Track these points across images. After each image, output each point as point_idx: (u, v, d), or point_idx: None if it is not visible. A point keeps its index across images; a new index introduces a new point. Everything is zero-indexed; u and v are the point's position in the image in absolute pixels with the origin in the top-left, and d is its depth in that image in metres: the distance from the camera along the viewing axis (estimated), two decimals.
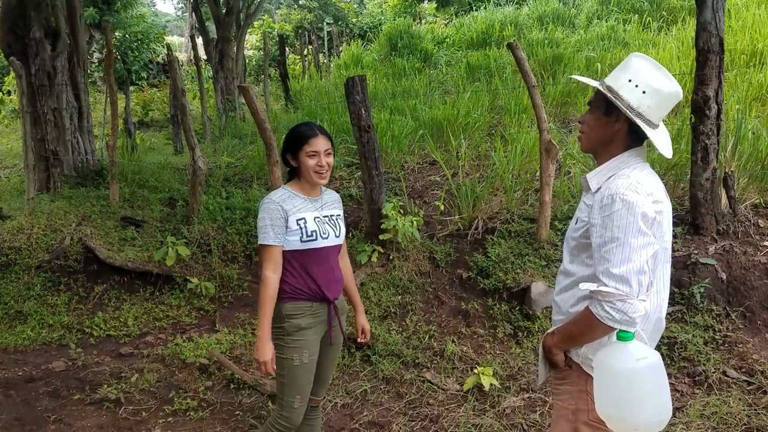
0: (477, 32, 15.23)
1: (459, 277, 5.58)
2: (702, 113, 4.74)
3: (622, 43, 11.80)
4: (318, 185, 2.96)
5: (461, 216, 6.12)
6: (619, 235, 1.97)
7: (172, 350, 5.05)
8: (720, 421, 3.71)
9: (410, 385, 4.44)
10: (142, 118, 15.54)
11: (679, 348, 4.36)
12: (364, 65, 15.23)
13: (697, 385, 4.11)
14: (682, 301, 4.62)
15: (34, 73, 7.25)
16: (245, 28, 14.00)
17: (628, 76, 2.09)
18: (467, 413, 4.04)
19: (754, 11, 10.94)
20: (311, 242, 2.88)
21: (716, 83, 4.68)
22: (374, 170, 5.79)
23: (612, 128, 2.15)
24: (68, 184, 7.55)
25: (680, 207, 5.40)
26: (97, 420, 4.19)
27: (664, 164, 5.70)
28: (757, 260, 4.70)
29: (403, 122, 8.81)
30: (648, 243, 1.99)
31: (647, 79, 2.07)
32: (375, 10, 25.06)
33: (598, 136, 2.19)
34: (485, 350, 4.81)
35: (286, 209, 2.85)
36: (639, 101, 2.07)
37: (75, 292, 5.96)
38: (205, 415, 4.20)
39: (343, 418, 4.15)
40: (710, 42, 4.65)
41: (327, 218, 2.98)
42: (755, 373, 4.08)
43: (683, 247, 4.88)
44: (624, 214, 1.97)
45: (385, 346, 4.85)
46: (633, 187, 2.01)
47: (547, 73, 10.47)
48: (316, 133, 2.88)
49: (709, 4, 4.61)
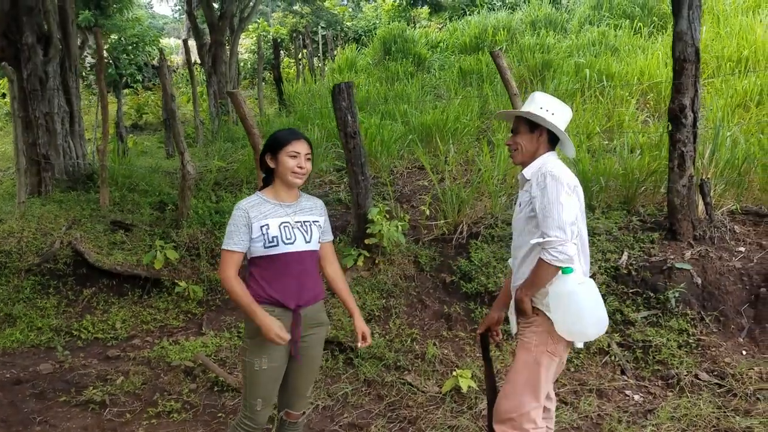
0: (470, 37, 15.32)
1: (443, 281, 5.67)
2: (678, 121, 4.83)
3: (612, 48, 11.91)
4: (294, 188, 3.00)
5: (447, 220, 6.20)
6: (553, 198, 2.69)
7: (158, 353, 5.12)
8: (690, 423, 3.79)
9: (391, 388, 4.52)
10: (136, 122, 15.60)
11: (654, 351, 4.45)
12: (358, 69, 15.31)
13: (669, 387, 4.20)
14: (658, 305, 4.71)
15: (26, 77, 7.34)
16: (238, 32, 14.10)
17: (539, 105, 2.89)
18: (445, 415, 4.12)
19: (741, 18, 11.06)
20: (273, 248, 2.89)
21: (692, 92, 4.77)
22: (360, 175, 5.87)
23: (537, 141, 2.93)
24: (59, 187, 7.63)
25: (659, 213, 5.49)
26: (82, 422, 4.27)
27: (643, 172, 5.80)
28: (732, 265, 4.79)
29: (393, 127, 8.90)
30: (573, 203, 2.73)
31: (553, 106, 2.89)
32: (370, 14, 25.15)
33: (528, 149, 2.95)
34: (465, 353, 4.89)
35: (251, 216, 2.89)
36: (552, 120, 2.87)
37: (64, 296, 6.04)
38: (188, 417, 4.28)
39: (323, 420, 4.23)
40: (686, 51, 4.74)
41: (299, 224, 2.98)
42: (726, 376, 4.17)
43: (660, 253, 4.97)
44: (554, 184, 2.72)
45: (367, 349, 4.92)
46: (559, 167, 2.81)
47: (536, 79, 10.57)
48: (299, 137, 2.95)
49: (684, 14, 4.70)
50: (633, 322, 4.67)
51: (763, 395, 3.97)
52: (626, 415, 3.96)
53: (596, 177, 5.90)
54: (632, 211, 5.66)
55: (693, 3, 4.63)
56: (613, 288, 4.91)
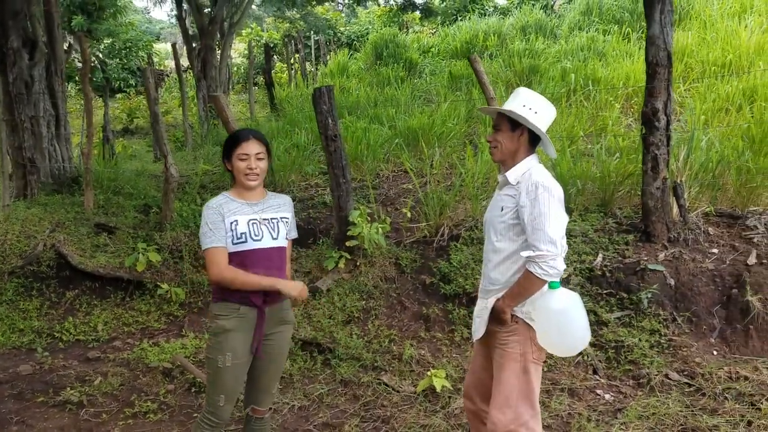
0: (461, 42, 15.43)
1: (422, 282, 5.71)
2: (651, 125, 4.90)
3: (600, 53, 11.99)
4: (251, 189, 3.00)
5: (428, 223, 6.26)
6: (545, 210, 2.65)
7: (137, 355, 5.16)
8: (658, 422, 3.84)
9: (367, 388, 4.55)
10: (127, 126, 15.67)
11: (626, 351, 4.50)
12: (350, 74, 15.39)
13: (640, 387, 4.25)
14: (631, 306, 4.77)
15: (11, 81, 7.39)
16: (228, 37, 14.16)
17: (522, 102, 2.80)
18: (418, 414, 4.16)
19: (728, 23, 11.16)
20: (242, 244, 2.91)
21: (665, 96, 4.84)
22: (341, 178, 5.93)
23: (518, 140, 2.84)
24: (45, 191, 7.67)
25: (635, 215, 5.55)
26: (59, 422, 4.29)
27: (620, 174, 5.86)
28: (704, 267, 4.85)
29: (379, 131, 8.96)
30: (564, 216, 2.72)
31: (536, 104, 2.80)
32: (364, 19, 25.26)
33: (509, 148, 2.86)
34: (442, 353, 4.93)
35: (223, 212, 2.92)
36: (534, 119, 2.77)
37: (47, 298, 6.06)
38: (164, 417, 4.31)
39: (298, 420, 4.26)
40: (659, 56, 4.80)
41: (266, 221, 3.00)
42: (696, 375, 4.22)
43: (634, 254, 5.03)
44: (546, 197, 2.67)
45: (346, 349, 4.97)
46: (548, 178, 2.76)
47: (523, 83, 10.65)
48: (248, 137, 2.95)
49: (657, 19, 4.77)
50: (606, 323, 4.72)
51: (731, 394, 4.02)
52: (596, 413, 4.00)
53: (573, 180, 5.96)
54: (609, 214, 5.72)
55: (665, 8, 4.70)
56: (588, 289, 4.97)
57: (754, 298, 4.56)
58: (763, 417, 3.77)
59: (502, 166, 2.94)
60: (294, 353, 5.00)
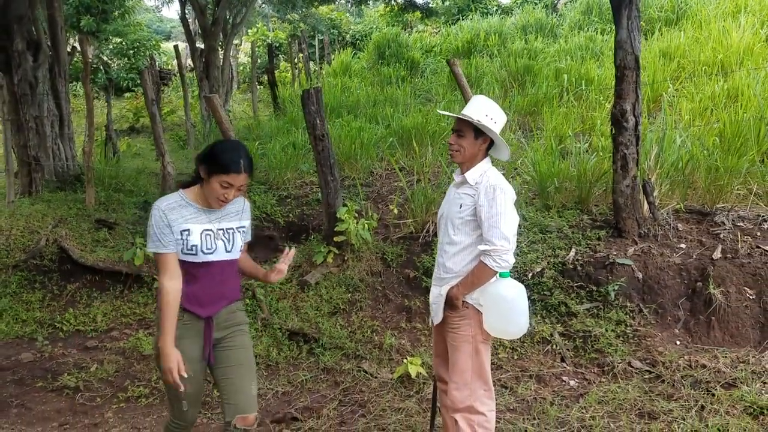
0: (463, 41, 15.58)
1: (407, 276, 5.95)
2: (620, 125, 5.11)
3: (597, 53, 12.14)
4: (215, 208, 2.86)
5: (415, 219, 6.48)
6: (501, 210, 2.96)
7: (132, 344, 5.43)
8: (617, 406, 4.07)
9: (347, 375, 4.81)
10: (133, 125, 15.97)
11: (593, 341, 4.72)
12: (353, 73, 15.59)
13: (604, 374, 4.47)
14: (599, 298, 4.99)
15: (16, 82, 7.67)
16: (231, 37, 14.43)
17: (485, 111, 3.08)
18: (393, 399, 4.41)
19: (721, 23, 11.29)
20: (191, 256, 2.79)
21: (633, 97, 5.04)
22: (329, 176, 6.17)
23: (479, 147, 3.13)
24: (48, 188, 7.96)
25: (609, 212, 5.76)
26: (56, 405, 4.58)
27: (596, 173, 6.07)
28: (672, 261, 5.06)
29: (373, 130, 9.19)
30: (516, 216, 3.03)
31: (495, 114, 3.10)
32: (369, 19, 25.45)
33: (471, 152, 3.14)
34: (421, 343, 5.17)
35: (170, 219, 2.75)
36: (494, 127, 3.08)
37: (49, 290, 6.34)
38: (155, 402, 4.58)
39: (281, 404, 4.52)
40: (626, 59, 5.00)
41: (222, 231, 2.86)
42: (657, 363, 4.44)
43: (605, 249, 5.25)
44: (503, 198, 2.98)
45: (330, 339, 5.22)
46: (503, 181, 3.08)
47: (517, 83, 10.84)
48: (240, 170, 2.74)
49: (624, 24, 4.97)
50: (576, 314, 4.94)
51: (688, 381, 4.23)
52: (559, 398, 4.23)
53: (551, 178, 6.18)
54: (585, 210, 5.94)
55: (632, 14, 4.90)
56: (560, 282, 5.19)
57: (716, 290, 4.76)
58: (716, 402, 3.99)
59: (461, 167, 3.20)
60: (281, 343, 5.26)
